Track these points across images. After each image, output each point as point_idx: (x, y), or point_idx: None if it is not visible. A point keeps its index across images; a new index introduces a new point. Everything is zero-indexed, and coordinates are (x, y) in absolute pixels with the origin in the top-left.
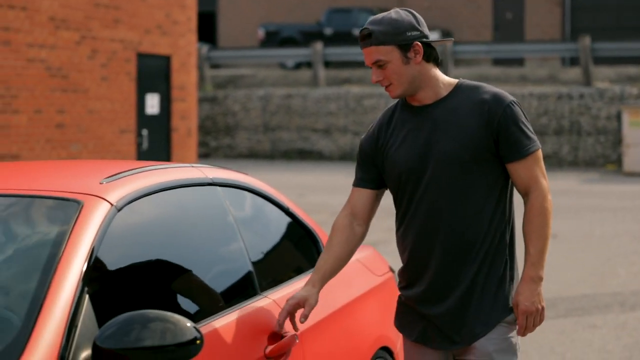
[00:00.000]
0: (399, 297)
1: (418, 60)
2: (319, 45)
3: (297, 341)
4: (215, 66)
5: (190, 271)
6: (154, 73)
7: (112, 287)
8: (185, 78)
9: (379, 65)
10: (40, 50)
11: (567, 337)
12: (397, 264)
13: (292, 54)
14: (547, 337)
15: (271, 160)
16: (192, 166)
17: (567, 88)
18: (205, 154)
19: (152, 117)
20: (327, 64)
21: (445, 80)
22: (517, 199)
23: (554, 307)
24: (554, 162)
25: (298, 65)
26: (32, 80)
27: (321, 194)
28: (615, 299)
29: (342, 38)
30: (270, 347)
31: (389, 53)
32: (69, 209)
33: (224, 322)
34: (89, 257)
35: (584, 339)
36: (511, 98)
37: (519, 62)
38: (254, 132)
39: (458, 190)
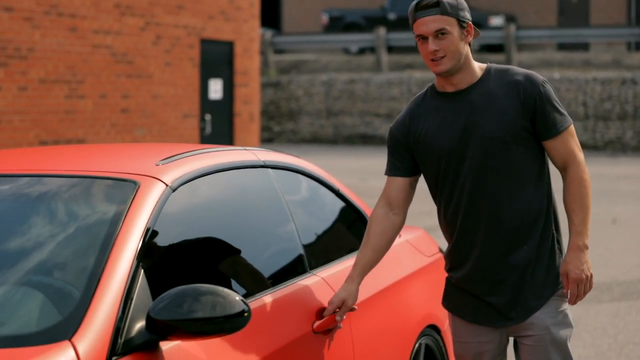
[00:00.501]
0: (448, 278)
1: (468, 40)
2: (382, 31)
3: (340, 327)
4: (279, 51)
5: (240, 249)
6: (217, 59)
7: (166, 263)
8: (248, 63)
9: (441, 33)
10: (105, 37)
11: (621, 320)
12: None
13: (355, 39)
14: (601, 320)
15: (334, 145)
16: (245, 149)
17: (631, 73)
18: (269, 139)
19: (215, 102)
20: (390, 49)
21: (476, 65)
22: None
23: (610, 291)
24: (618, 147)
25: (362, 51)
26: (97, 66)
27: (382, 179)
28: None
29: (405, 23)
30: (317, 323)
31: (452, 24)
32: (126, 189)
33: (273, 297)
34: (144, 234)
35: (636, 322)
36: (542, 78)
37: (583, 47)
38: (316, 117)
39: (501, 171)
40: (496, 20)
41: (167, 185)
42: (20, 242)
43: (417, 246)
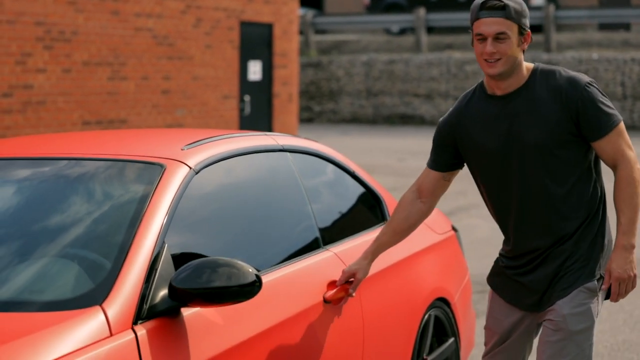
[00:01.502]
0: (497, 260)
1: (524, 47)
2: (422, 11)
3: (353, 295)
4: (321, 32)
5: (257, 227)
6: (256, 40)
7: (188, 239)
8: (287, 45)
9: (501, 37)
10: (147, 20)
11: (638, 296)
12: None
13: (396, 20)
14: None
15: (373, 125)
16: (266, 134)
17: None
18: (309, 119)
19: (255, 83)
20: (431, 30)
21: (525, 65)
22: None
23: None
24: None
25: (403, 31)
26: (139, 48)
27: (420, 159)
28: None
29: (446, 3)
30: (329, 293)
31: (512, 29)
32: (154, 172)
33: (287, 270)
34: (168, 212)
35: None
36: (586, 80)
37: (625, 27)
38: (357, 97)
39: (545, 175)
40: (537, 0)
41: (190, 168)
42: (59, 219)
43: (429, 224)
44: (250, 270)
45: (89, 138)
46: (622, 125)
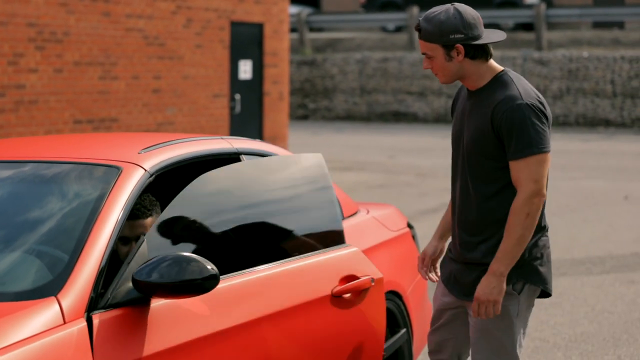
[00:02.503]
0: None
1: (460, 59)
2: (415, 10)
3: (373, 283)
4: (318, 29)
5: (206, 227)
6: (247, 40)
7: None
8: (278, 44)
9: (428, 57)
10: (138, 20)
11: (602, 291)
12: None
13: (389, 18)
14: (584, 291)
15: (367, 122)
16: (222, 138)
17: None
18: (304, 116)
19: (245, 82)
20: None
21: (487, 73)
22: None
23: (602, 264)
24: None
25: (399, 28)
26: (130, 48)
27: (411, 155)
28: None
29: (442, 1)
30: (338, 287)
31: (434, 50)
32: (111, 174)
33: (248, 275)
34: (123, 211)
35: (617, 292)
36: (520, 101)
37: (619, 25)
38: (351, 95)
39: (472, 173)
40: None
41: (145, 170)
42: (23, 218)
43: (383, 221)
44: (209, 266)
45: (55, 142)
46: (542, 156)
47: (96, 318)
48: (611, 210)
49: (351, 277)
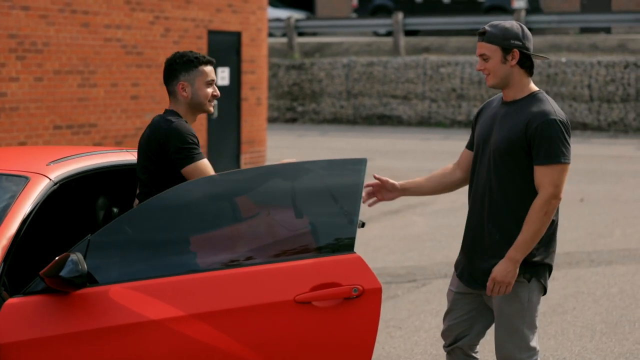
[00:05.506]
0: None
1: (513, 64)
2: (399, 16)
3: (355, 294)
4: (313, 34)
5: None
6: (224, 48)
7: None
8: (256, 52)
9: (484, 58)
10: (116, 31)
11: None
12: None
13: (377, 24)
14: None
15: (353, 125)
16: (128, 151)
17: (634, 57)
18: (293, 119)
19: (223, 87)
20: (417, 32)
21: (527, 88)
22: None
23: None
24: (620, 127)
25: (390, 33)
26: (109, 57)
27: (389, 158)
28: (589, 256)
29: (432, 6)
30: (303, 294)
31: (494, 52)
32: (19, 183)
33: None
34: (27, 216)
35: None
36: (554, 117)
37: (606, 30)
38: (337, 98)
39: (498, 174)
40: (519, 3)
41: (51, 180)
42: None
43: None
44: (80, 267)
45: None
46: (564, 166)
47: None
48: (564, 212)
49: (332, 285)
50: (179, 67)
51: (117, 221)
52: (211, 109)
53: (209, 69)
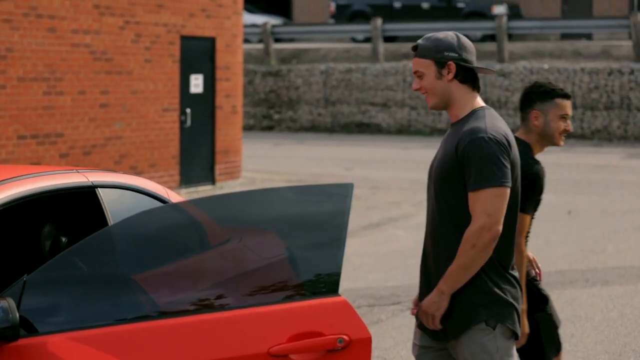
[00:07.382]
0: None
1: (449, 78)
2: (378, 22)
3: (341, 344)
4: (290, 40)
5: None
6: (198, 54)
7: None
8: (230, 58)
9: (418, 75)
10: (84, 36)
11: None
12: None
13: (354, 30)
14: None
15: (331, 134)
16: (77, 171)
17: (618, 64)
18: (269, 127)
19: (197, 95)
20: (395, 38)
21: (469, 105)
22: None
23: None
24: (604, 136)
25: (368, 39)
26: (76, 63)
27: (368, 168)
28: (584, 275)
29: (411, 12)
30: (279, 346)
31: (427, 67)
32: None
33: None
34: None
35: None
36: (483, 134)
37: (587, 36)
38: (315, 106)
39: (437, 201)
40: (499, 9)
41: None
42: None
43: (254, 249)
44: (12, 316)
45: None
46: (498, 190)
47: None
48: (552, 225)
49: (313, 334)
50: (534, 96)
51: (64, 254)
52: (561, 142)
53: (565, 102)
